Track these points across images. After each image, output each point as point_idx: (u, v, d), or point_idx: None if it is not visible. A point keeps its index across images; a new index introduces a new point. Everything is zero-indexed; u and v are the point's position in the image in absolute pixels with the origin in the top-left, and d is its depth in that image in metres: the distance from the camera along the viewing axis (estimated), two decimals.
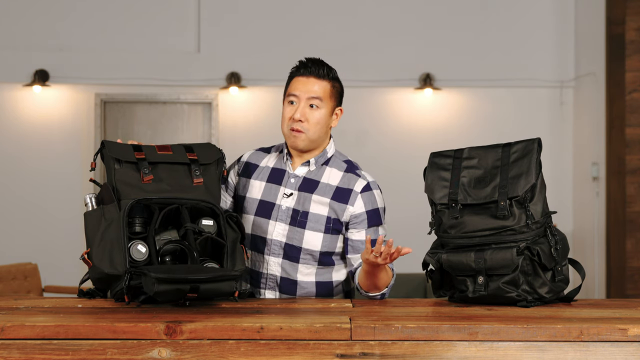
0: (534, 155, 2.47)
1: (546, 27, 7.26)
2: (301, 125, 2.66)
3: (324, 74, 2.69)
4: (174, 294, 2.26)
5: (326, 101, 2.68)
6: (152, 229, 2.43)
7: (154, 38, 7.23)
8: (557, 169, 7.14)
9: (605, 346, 2.04)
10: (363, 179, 2.71)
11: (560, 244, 2.45)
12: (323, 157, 2.73)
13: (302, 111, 2.66)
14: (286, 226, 2.68)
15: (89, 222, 2.48)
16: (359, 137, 7.24)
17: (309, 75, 2.69)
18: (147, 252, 2.40)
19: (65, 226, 7.06)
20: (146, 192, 2.47)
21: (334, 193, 2.69)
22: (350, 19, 7.26)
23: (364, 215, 2.67)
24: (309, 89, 2.67)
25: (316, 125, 2.67)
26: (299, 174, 2.72)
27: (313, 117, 2.67)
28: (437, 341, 2.05)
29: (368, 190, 2.69)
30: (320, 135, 2.69)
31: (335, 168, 2.73)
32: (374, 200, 2.69)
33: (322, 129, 2.69)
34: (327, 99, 2.68)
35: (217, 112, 7.16)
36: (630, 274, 6.21)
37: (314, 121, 2.67)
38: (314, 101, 2.67)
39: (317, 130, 2.68)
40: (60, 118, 7.15)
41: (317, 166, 2.72)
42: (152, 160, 2.55)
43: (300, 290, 2.70)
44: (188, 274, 2.27)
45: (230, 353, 2.02)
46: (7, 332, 2.02)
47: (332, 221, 2.67)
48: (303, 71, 2.70)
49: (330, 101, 2.69)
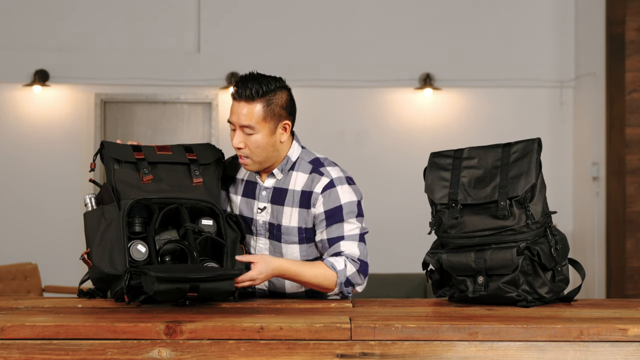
0: (534, 155, 2.47)
1: (546, 27, 7.26)
2: (243, 151, 2.58)
3: (252, 95, 2.52)
4: (174, 293, 2.26)
5: (259, 125, 2.53)
6: (152, 228, 2.43)
7: (154, 38, 7.23)
8: (557, 169, 7.14)
9: (605, 346, 2.04)
10: (326, 177, 2.61)
11: (560, 244, 2.45)
12: (287, 164, 2.65)
13: (239, 138, 2.56)
14: (266, 240, 2.66)
15: (89, 223, 2.49)
16: (359, 137, 7.23)
17: (239, 100, 2.55)
18: (147, 251, 2.40)
19: (65, 226, 7.06)
20: (146, 192, 2.48)
21: (300, 199, 2.62)
22: (350, 19, 7.26)
23: (322, 216, 2.59)
24: (239, 116, 2.54)
25: (257, 149, 2.57)
26: (268, 186, 2.66)
27: (251, 143, 2.56)
28: (437, 341, 2.05)
29: (329, 188, 2.59)
30: (267, 155, 2.59)
31: (301, 172, 2.64)
32: (336, 198, 2.58)
33: (266, 150, 2.58)
34: (260, 122, 2.53)
35: (217, 112, 7.16)
36: (630, 274, 6.21)
37: (253, 146, 2.56)
38: (246, 129, 2.55)
39: (260, 153, 2.57)
40: (60, 118, 7.15)
41: (284, 173, 2.65)
42: (151, 160, 2.55)
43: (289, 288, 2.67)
44: (188, 273, 2.27)
45: (230, 353, 2.02)
46: (7, 332, 2.02)
47: (304, 231, 2.62)
48: (235, 94, 2.56)
49: (265, 123, 2.54)
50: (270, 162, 2.62)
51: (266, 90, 2.54)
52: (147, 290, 2.26)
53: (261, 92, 2.53)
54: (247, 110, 2.53)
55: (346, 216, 2.59)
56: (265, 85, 2.55)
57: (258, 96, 2.53)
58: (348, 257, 2.56)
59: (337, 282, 2.55)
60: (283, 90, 2.59)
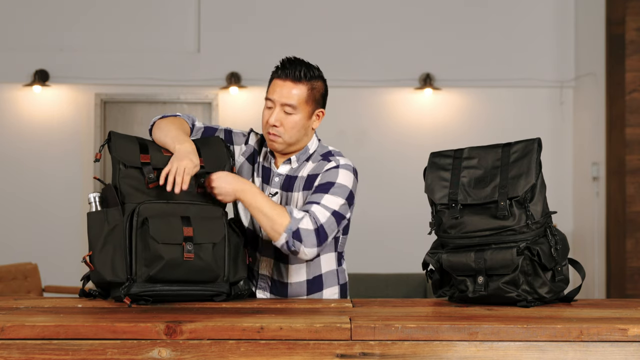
0: (534, 155, 2.47)
1: (546, 28, 7.26)
2: (277, 129, 2.62)
3: (300, 77, 2.61)
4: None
5: (301, 106, 2.62)
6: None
7: (154, 38, 7.23)
8: (557, 169, 7.14)
9: (605, 346, 2.04)
10: (334, 162, 2.64)
11: (560, 244, 2.45)
12: (305, 153, 2.70)
13: (277, 116, 2.62)
14: None
15: (92, 224, 2.47)
16: (359, 137, 7.24)
17: (285, 79, 2.62)
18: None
19: (65, 226, 7.06)
20: (150, 197, 2.47)
21: (305, 182, 2.65)
22: (350, 19, 7.26)
23: (315, 188, 2.60)
24: (283, 94, 2.61)
25: (292, 130, 2.63)
26: (282, 172, 2.69)
27: (288, 122, 2.62)
28: (437, 341, 2.05)
29: (333, 169, 2.62)
30: (298, 138, 2.65)
31: (311, 161, 2.69)
32: (334, 176, 2.60)
33: (299, 132, 2.64)
34: (303, 104, 2.62)
35: (217, 112, 7.16)
36: (630, 274, 6.21)
37: (289, 126, 2.62)
38: (287, 108, 2.61)
39: (293, 134, 2.63)
40: (60, 118, 7.16)
41: (300, 163, 2.69)
42: (157, 165, 2.53)
43: (291, 291, 2.67)
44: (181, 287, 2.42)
45: (230, 353, 2.02)
46: (7, 332, 2.02)
47: None
48: (280, 73, 2.62)
49: (306, 106, 2.63)
50: (297, 146, 2.68)
51: (312, 75, 2.63)
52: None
53: (308, 75, 2.62)
54: (292, 90, 2.61)
55: (332, 191, 2.57)
56: (312, 70, 2.64)
57: (306, 79, 2.62)
58: (311, 215, 2.52)
59: (287, 227, 2.46)
60: (322, 80, 2.69)
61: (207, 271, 2.43)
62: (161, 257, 2.36)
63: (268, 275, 2.69)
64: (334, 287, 2.72)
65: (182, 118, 2.76)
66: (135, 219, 2.40)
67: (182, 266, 2.39)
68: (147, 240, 2.38)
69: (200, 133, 2.78)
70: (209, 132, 2.78)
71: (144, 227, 2.39)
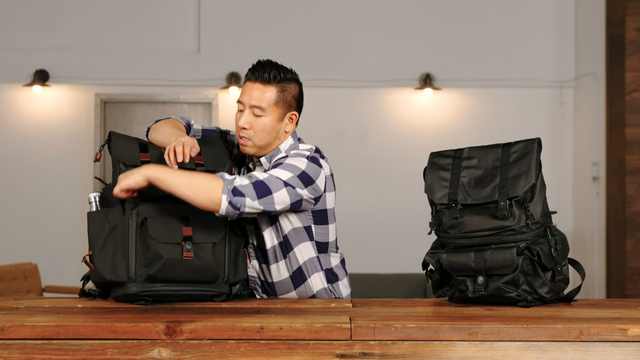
0: (533, 155, 2.47)
1: (546, 28, 7.26)
2: (247, 132, 2.61)
3: (269, 79, 2.58)
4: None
5: (271, 108, 2.59)
6: None
7: (154, 38, 7.23)
8: (557, 169, 7.14)
9: (605, 346, 2.04)
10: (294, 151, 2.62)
11: (560, 244, 2.45)
12: (277, 154, 2.66)
13: (246, 118, 2.60)
14: (252, 227, 2.66)
15: (92, 224, 2.48)
16: (359, 137, 7.24)
17: (255, 81, 2.60)
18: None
19: (66, 226, 7.06)
20: (150, 196, 2.47)
21: None
22: (350, 20, 7.26)
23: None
24: (252, 96, 2.59)
25: (261, 132, 2.60)
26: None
27: (257, 125, 2.60)
28: (437, 341, 2.05)
29: (282, 158, 2.59)
30: (269, 141, 2.63)
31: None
32: (283, 161, 2.55)
33: (269, 135, 2.61)
34: (272, 106, 2.59)
35: (217, 112, 7.16)
36: (630, 274, 6.21)
37: (259, 128, 2.60)
38: (256, 110, 2.59)
39: (263, 137, 2.61)
40: (60, 118, 7.16)
41: (271, 163, 2.64)
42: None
43: (279, 289, 2.68)
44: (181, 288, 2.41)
45: (230, 353, 2.02)
46: (7, 332, 2.02)
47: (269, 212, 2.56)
48: (250, 76, 2.61)
49: (276, 108, 2.60)
50: (268, 149, 2.65)
51: (282, 77, 2.61)
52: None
53: (278, 77, 2.60)
54: (261, 92, 2.59)
55: (278, 168, 2.53)
56: (282, 72, 2.62)
57: (275, 81, 2.60)
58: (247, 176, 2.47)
59: (224, 188, 2.39)
60: (296, 83, 2.66)
61: (207, 271, 2.43)
62: (160, 257, 2.37)
63: (256, 276, 2.71)
64: (319, 273, 2.67)
65: (176, 119, 2.76)
66: (135, 218, 2.40)
67: (182, 265, 2.39)
68: (146, 240, 2.38)
69: (200, 133, 2.79)
70: (208, 134, 2.79)
71: (143, 226, 2.39)
